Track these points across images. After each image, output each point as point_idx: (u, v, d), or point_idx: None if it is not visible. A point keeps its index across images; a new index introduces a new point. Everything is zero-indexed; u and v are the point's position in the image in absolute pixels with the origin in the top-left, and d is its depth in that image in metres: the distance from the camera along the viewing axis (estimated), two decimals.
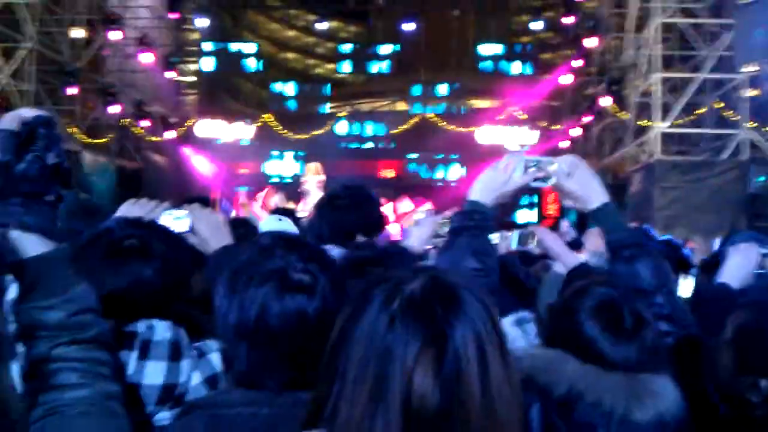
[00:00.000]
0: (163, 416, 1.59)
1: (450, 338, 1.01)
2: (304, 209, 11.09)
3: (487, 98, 23.92)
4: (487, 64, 22.84)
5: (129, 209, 2.37)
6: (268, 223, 2.28)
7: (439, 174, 20.48)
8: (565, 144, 20.38)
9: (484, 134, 20.34)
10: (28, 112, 1.27)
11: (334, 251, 2.60)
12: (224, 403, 1.34)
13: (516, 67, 22.42)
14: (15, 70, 15.45)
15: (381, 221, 2.95)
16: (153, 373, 1.59)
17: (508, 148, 20.11)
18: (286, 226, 2.22)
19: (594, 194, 2.03)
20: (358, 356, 1.02)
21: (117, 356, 1.29)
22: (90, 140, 18.97)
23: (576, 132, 20.09)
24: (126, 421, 1.20)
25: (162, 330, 1.65)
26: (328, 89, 24.38)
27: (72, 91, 17.37)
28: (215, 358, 1.68)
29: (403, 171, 20.11)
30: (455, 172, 20.55)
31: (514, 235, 3.39)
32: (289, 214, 3.75)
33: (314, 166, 15.08)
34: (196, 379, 1.65)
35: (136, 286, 1.70)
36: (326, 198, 2.97)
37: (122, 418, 1.20)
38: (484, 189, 2.02)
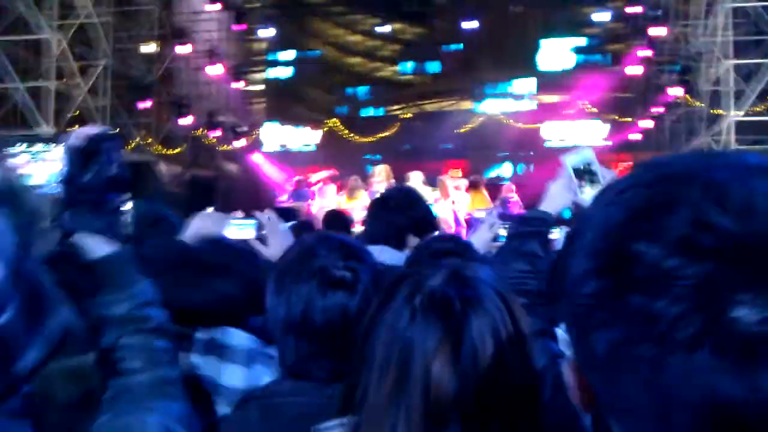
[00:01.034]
0: None
1: (467, 331, 1.07)
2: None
3: (553, 93, 23.60)
4: (552, 59, 22.53)
5: (201, 220, 2.55)
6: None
7: (506, 172, 20.33)
8: (636, 137, 19.95)
9: (550, 130, 20.08)
10: (92, 130, 1.40)
11: (386, 251, 2.69)
12: (276, 394, 1.45)
13: (583, 60, 22.04)
14: (91, 87, 16.09)
15: (432, 222, 3.02)
16: (232, 376, 1.78)
17: (576, 143, 19.83)
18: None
19: None
20: (383, 347, 1.10)
21: (176, 345, 1.42)
22: (165, 151, 19.62)
23: (647, 124, 19.63)
24: (184, 404, 1.32)
25: (239, 338, 1.84)
26: (392, 92, 24.51)
27: (146, 104, 17.96)
28: None
29: (470, 170, 20.05)
30: (522, 170, 20.37)
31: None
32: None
33: (383, 169, 15.18)
34: (268, 380, 1.79)
35: (218, 299, 1.91)
36: (378, 200, 3.06)
37: (181, 401, 1.32)
38: (550, 200, 2.07)
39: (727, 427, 0.52)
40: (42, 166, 13.25)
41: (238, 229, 2.40)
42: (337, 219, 4.97)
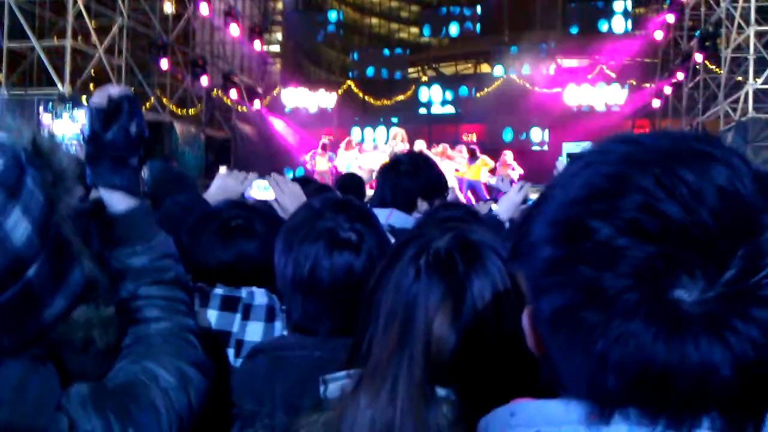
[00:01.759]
0: None
1: (468, 291, 1.13)
2: None
3: (575, 57, 23.31)
4: (575, 21, 22.18)
5: (223, 180, 2.63)
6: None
7: (523, 137, 20.20)
8: (656, 103, 19.74)
9: (572, 95, 19.89)
10: (114, 89, 1.46)
11: (395, 214, 2.74)
12: (283, 347, 1.54)
13: (606, 24, 21.67)
14: (107, 46, 16.08)
15: (442, 186, 3.06)
16: (253, 332, 1.90)
17: (596, 108, 19.64)
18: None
19: None
20: (388, 304, 1.15)
21: (192, 295, 1.49)
22: (180, 111, 19.66)
23: (667, 90, 19.41)
24: (200, 351, 1.39)
25: (260, 296, 1.95)
26: (409, 53, 24.28)
27: (163, 64, 17.96)
28: None
29: (486, 135, 19.94)
30: (540, 135, 20.23)
31: None
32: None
33: (399, 133, 15.19)
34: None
35: (241, 259, 2.01)
36: (389, 164, 3.10)
37: (198, 349, 1.39)
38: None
39: (651, 386, 0.60)
40: (62, 125, 13.35)
41: (260, 189, 2.46)
42: (350, 183, 5.02)
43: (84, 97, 13.69)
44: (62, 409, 1.06)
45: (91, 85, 15.38)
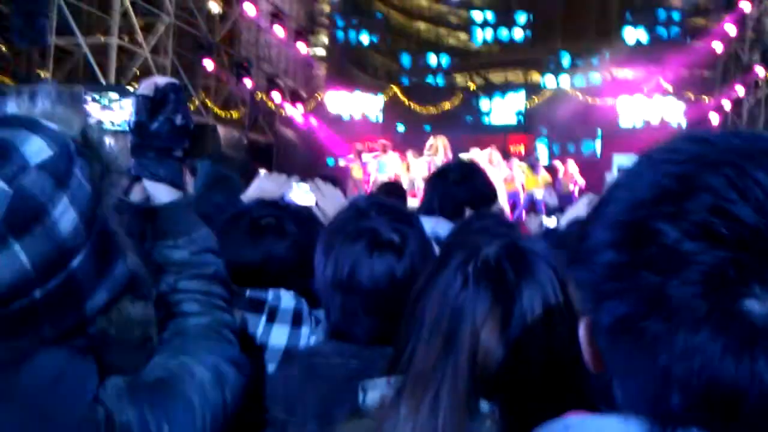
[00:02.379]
0: None
1: (518, 300, 1.11)
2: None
3: (630, 68, 23.07)
4: (632, 32, 21.95)
5: (262, 182, 2.65)
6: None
7: (573, 149, 20.01)
8: (714, 118, 19.41)
9: (626, 106, 19.66)
10: (161, 80, 1.49)
11: (441, 223, 2.73)
12: (319, 354, 1.53)
13: (664, 34, 21.39)
14: (153, 45, 16.38)
15: (491, 195, 3.04)
16: (278, 336, 1.88)
17: (651, 121, 19.38)
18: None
19: None
20: (433, 312, 1.14)
21: (231, 291, 1.50)
22: (224, 114, 19.93)
23: (727, 105, 19.06)
24: (238, 349, 1.40)
25: (287, 299, 1.93)
26: (457, 60, 24.29)
27: (208, 65, 18.23)
28: None
29: (535, 147, 19.82)
30: (592, 147, 20.02)
31: None
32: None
33: (437, 143, 15.21)
34: (314, 342, 1.87)
35: (269, 259, 2.01)
36: (437, 172, 3.10)
37: (235, 345, 1.40)
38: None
39: (717, 405, 0.57)
40: (110, 115, 13.61)
41: (303, 193, 2.48)
42: (393, 190, 5.04)
43: (131, 89, 13.97)
44: (99, 400, 1.08)
45: (136, 85, 15.70)
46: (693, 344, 0.56)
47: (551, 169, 15.34)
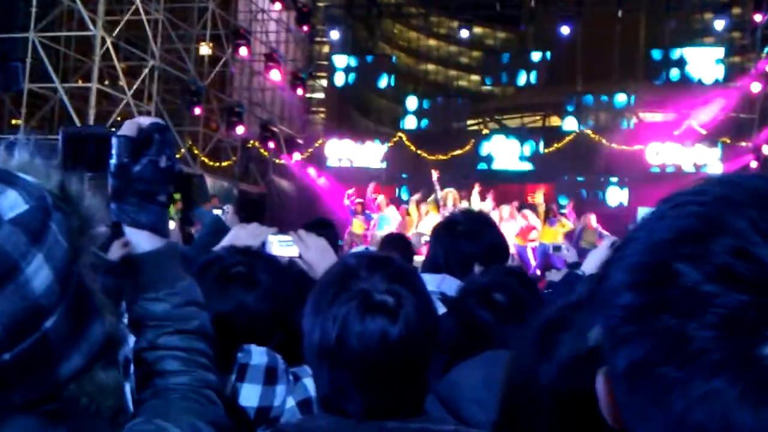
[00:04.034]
0: None
1: None
2: None
3: (659, 111, 23.22)
4: (659, 71, 22.13)
5: (237, 233, 2.68)
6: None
7: (599, 198, 20.01)
8: (753, 164, 19.46)
9: (655, 153, 19.76)
10: (144, 120, 1.53)
11: (448, 280, 2.76)
12: (309, 429, 1.52)
13: (695, 74, 21.56)
14: (136, 90, 16.57)
15: (503, 249, 3.07)
16: (248, 396, 1.88)
17: (684, 168, 19.45)
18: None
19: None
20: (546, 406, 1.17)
21: (215, 347, 1.51)
22: (212, 163, 20.09)
23: (766, 149, 19.14)
24: (222, 410, 1.41)
25: (258, 355, 1.94)
26: (469, 103, 24.49)
27: (196, 111, 18.41)
28: (310, 383, 1.90)
29: (555, 196, 19.86)
30: (617, 195, 20.04)
31: None
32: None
33: (451, 194, 15.30)
34: (291, 402, 1.88)
35: (238, 311, 2.02)
36: (443, 224, 3.12)
37: (219, 407, 1.41)
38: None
39: None
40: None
41: (282, 245, 2.48)
42: (397, 244, 5.05)
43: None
44: None
45: None
46: (710, 390, 0.59)
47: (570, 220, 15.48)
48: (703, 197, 0.66)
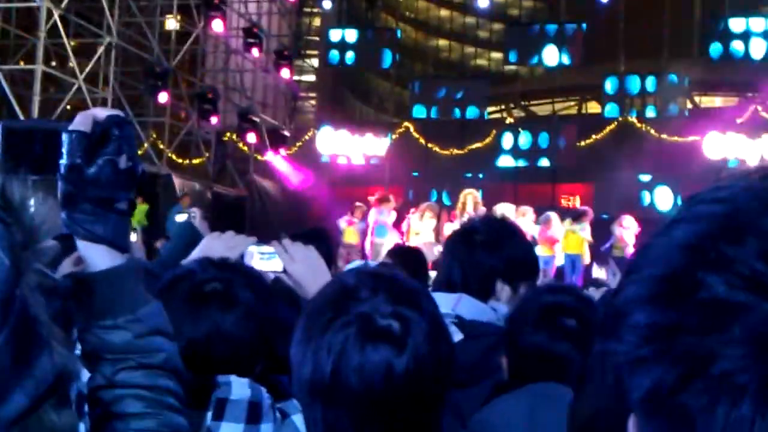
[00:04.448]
0: None
1: None
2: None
3: (717, 94, 23.25)
4: (718, 46, 22.09)
5: (210, 244, 2.68)
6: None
7: (645, 201, 19.99)
8: None
9: (715, 144, 19.71)
10: (101, 112, 1.52)
11: (465, 301, 2.76)
12: None
13: (761, 49, 21.49)
14: (89, 72, 16.53)
15: (530, 264, 3.06)
16: None
17: (749, 162, 19.40)
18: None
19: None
20: None
21: (185, 385, 1.51)
22: (181, 160, 20.08)
23: None
24: None
25: (239, 388, 1.93)
26: (490, 87, 24.49)
27: (162, 97, 18.38)
28: (299, 421, 1.90)
29: (594, 198, 19.83)
30: (668, 197, 20.01)
31: None
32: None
33: (470, 196, 15.30)
34: None
35: (215, 336, 2.02)
36: (460, 233, 3.12)
37: None
38: None
39: None
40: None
41: (263, 258, 2.48)
42: (408, 258, 5.03)
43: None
44: None
45: None
46: (737, 418, 0.59)
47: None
48: (724, 193, 0.67)
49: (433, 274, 5.69)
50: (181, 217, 16.65)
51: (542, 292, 2.64)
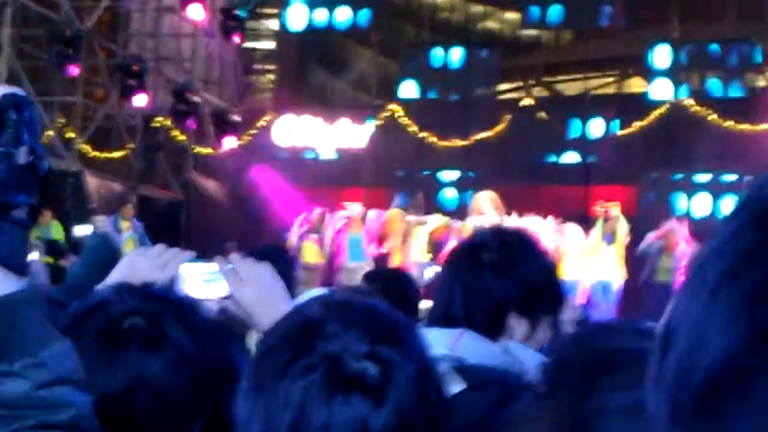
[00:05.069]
0: None
1: None
2: None
3: None
4: None
5: (133, 263, 2.67)
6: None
7: (702, 205, 20.02)
8: None
9: None
10: None
11: (468, 339, 2.76)
12: None
13: None
14: None
15: (557, 292, 3.07)
16: None
17: None
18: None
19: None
20: None
21: None
22: (98, 153, 20.00)
23: None
24: None
25: None
26: (502, 57, 24.51)
27: (72, 70, 18.29)
28: None
29: (639, 201, 19.90)
30: (729, 201, 20.08)
31: None
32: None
33: (487, 197, 15.35)
34: None
35: (136, 387, 1.99)
36: (463, 251, 3.12)
37: None
38: None
39: None
40: None
41: (204, 280, 2.49)
42: (389, 281, 5.03)
43: None
44: None
45: None
46: None
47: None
48: None
49: (426, 304, 5.70)
50: (85, 229, 16.46)
51: (594, 332, 2.61)
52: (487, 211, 14.99)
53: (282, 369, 1.51)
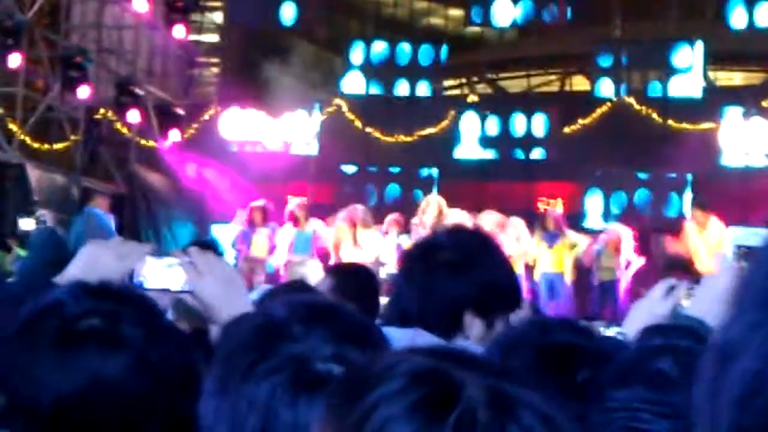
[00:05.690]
0: None
1: None
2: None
3: (737, 69, 23.55)
4: (740, 12, 22.48)
5: (90, 254, 2.62)
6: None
7: (650, 206, 20.17)
8: None
9: (733, 133, 19.94)
10: None
11: (423, 338, 2.74)
12: None
13: None
14: None
15: (513, 292, 3.07)
16: None
17: None
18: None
19: None
20: None
21: None
22: (39, 145, 19.83)
23: None
24: None
25: None
26: (447, 54, 24.56)
27: (13, 60, 18.16)
28: None
29: (581, 200, 20.02)
30: (678, 204, 20.22)
31: None
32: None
33: (435, 203, 15.39)
34: None
35: (95, 390, 1.95)
36: (417, 249, 3.11)
37: None
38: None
39: None
40: None
41: (163, 273, 2.47)
42: (351, 278, 5.02)
43: None
44: None
45: None
46: None
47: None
48: None
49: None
50: (28, 223, 16.37)
51: (538, 327, 2.60)
52: (429, 214, 15.05)
53: (247, 370, 1.51)
